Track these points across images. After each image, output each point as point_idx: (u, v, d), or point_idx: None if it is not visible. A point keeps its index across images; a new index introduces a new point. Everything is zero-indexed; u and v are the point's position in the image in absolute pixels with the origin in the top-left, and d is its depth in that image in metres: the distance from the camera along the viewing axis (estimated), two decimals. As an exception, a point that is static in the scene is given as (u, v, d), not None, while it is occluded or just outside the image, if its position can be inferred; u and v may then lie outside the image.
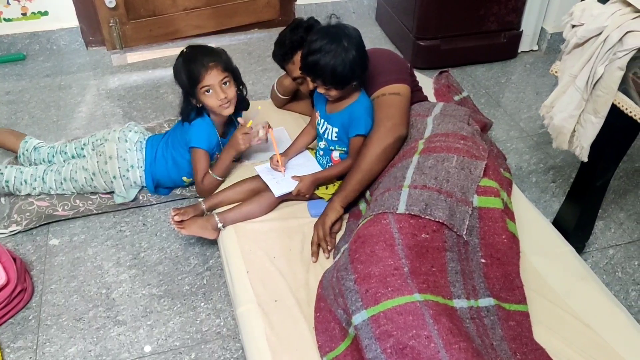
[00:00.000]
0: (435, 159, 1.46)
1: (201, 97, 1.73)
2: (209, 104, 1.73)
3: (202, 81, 1.69)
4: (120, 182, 1.89)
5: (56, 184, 1.92)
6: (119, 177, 1.87)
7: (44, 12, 2.90)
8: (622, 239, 1.95)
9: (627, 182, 2.20)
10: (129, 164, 1.88)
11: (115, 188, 1.90)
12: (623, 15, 1.30)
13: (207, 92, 1.71)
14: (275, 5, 3.26)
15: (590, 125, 1.46)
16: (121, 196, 1.92)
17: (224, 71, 1.73)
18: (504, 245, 1.40)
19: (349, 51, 1.53)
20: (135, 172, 1.90)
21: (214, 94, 1.71)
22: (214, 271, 1.79)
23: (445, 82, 2.21)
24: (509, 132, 2.48)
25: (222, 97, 1.71)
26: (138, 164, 1.90)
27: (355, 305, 1.21)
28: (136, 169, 1.90)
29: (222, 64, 1.73)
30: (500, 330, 1.29)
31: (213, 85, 1.71)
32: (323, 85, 1.58)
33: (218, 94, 1.71)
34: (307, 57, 1.55)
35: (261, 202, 1.70)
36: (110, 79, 2.81)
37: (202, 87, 1.70)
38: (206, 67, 1.69)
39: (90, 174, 1.89)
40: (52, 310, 1.67)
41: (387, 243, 1.29)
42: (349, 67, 1.54)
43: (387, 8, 3.20)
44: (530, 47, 3.09)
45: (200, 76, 1.69)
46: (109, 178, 1.87)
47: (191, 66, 1.70)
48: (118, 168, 1.87)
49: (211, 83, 1.70)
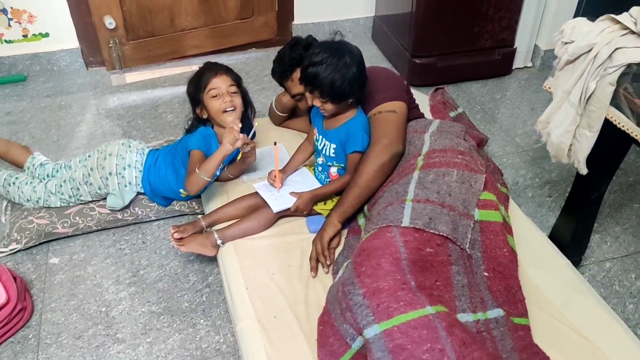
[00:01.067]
0: (436, 174, 1.48)
1: (207, 101, 1.77)
2: (213, 108, 1.76)
3: (210, 84, 1.75)
4: (115, 180, 1.91)
5: (55, 188, 1.94)
6: (114, 173, 1.90)
7: (45, 34, 2.94)
8: (618, 252, 1.97)
9: (622, 196, 2.22)
10: (127, 162, 1.92)
11: (110, 185, 1.91)
12: (612, 32, 1.34)
13: (215, 96, 1.76)
14: (273, 25, 3.31)
15: (585, 140, 1.48)
16: (114, 195, 1.91)
17: (233, 81, 1.79)
18: (506, 258, 1.41)
19: (350, 67, 1.56)
20: (132, 171, 1.92)
21: (220, 98, 1.75)
22: (213, 288, 1.79)
23: (441, 98, 2.24)
24: (505, 148, 2.51)
25: (227, 100, 1.75)
26: (135, 165, 1.93)
27: (366, 319, 1.21)
28: (133, 168, 1.92)
29: (232, 76, 1.81)
30: (510, 341, 1.30)
31: (220, 89, 1.76)
32: (320, 98, 1.61)
33: (224, 97, 1.75)
34: (308, 67, 1.58)
35: (260, 218, 1.71)
36: (110, 99, 2.84)
37: (209, 89, 1.76)
38: (216, 72, 1.77)
39: (88, 169, 1.92)
40: (51, 328, 1.67)
41: (393, 257, 1.29)
42: (348, 83, 1.57)
43: (383, 27, 3.25)
44: (524, 64, 3.14)
45: (209, 79, 1.76)
46: (105, 174, 1.90)
47: (203, 73, 1.79)
48: (115, 165, 1.90)
49: (219, 86, 1.76)
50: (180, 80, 1.80)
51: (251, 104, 1.92)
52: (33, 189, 1.96)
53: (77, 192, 1.94)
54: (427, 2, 2.72)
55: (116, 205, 1.93)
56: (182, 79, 1.80)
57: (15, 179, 1.99)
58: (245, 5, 3.17)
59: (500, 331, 1.31)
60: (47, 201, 1.95)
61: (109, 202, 1.92)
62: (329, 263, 1.58)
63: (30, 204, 1.97)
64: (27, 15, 2.85)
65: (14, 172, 2.03)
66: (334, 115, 1.69)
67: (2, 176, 2.00)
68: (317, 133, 1.77)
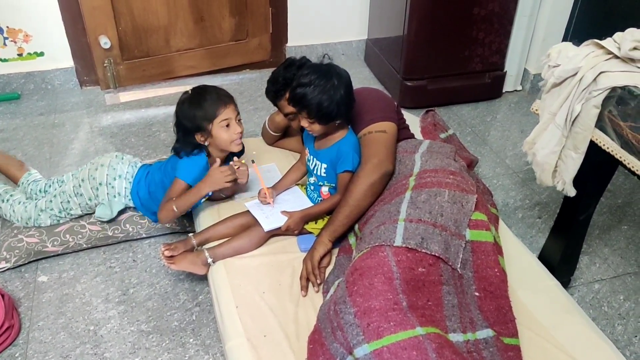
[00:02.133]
0: (428, 194, 1.49)
1: (217, 131, 1.74)
2: (223, 138, 1.75)
3: (222, 115, 1.73)
4: (105, 190, 1.92)
5: (46, 204, 1.94)
6: (104, 184, 1.91)
7: (40, 53, 2.97)
8: (607, 273, 1.98)
9: (610, 218, 2.25)
10: (117, 173, 1.93)
11: (100, 196, 1.92)
12: (596, 57, 1.37)
13: (226, 126, 1.75)
14: (267, 47, 3.36)
15: (571, 161, 1.51)
16: (103, 205, 1.92)
17: (237, 109, 1.80)
18: (497, 278, 1.42)
19: (337, 89, 1.59)
20: (122, 182, 1.93)
21: (231, 128, 1.75)
22: (203, 307, 1.79)
23: (432, 120, 2.28)
24: (495, 169, 2.54)
25: (238, 130, 1.76)
26: (126, 176, 1.94)
27: (356, 339, 1.21)
28: (123, 179, 1.93)
29: (235, 104, 1.80)
30: None
31: (231, 119, 1.75)
32: (307, 119, 1.63)
33: (235, 127, 1.76)
34: (296, 88, 1.61)
35: (251, 237, 1.71)
36: (104, 117, 2.86)
37: (221, 120, 1.73)
38: (225, 102, 1.75)
39: (79, 180, 1.93)
40: (39, 347, 1.65)
41: (385, 276, 1.30)
42: (335, 104, 1.59)
43: (375, 50, 3.30)
44: (514, 87, 3.19)
45: (219, 110, 1.73)
46: (95, 184, 1.91)
47: (208, 100, 1.74)
48: (106, 175, 1.91)
49: (230, 116, 1.75)
50: (175, 100, 1.80)
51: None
52: (25, 209, 1.95)
53: (68, 206, 1.93)
54: (419, 25, 2.77)
55: (104, 216, 1.92)
56: (176, 99, 1.80)
57: (10, 196, 1.99)
58: (240, 27, 3.21)
59: (489, 352, 1.31)
60: (37, 220, 1.94)
61: (98, 212, 1.92)
62: (319, 282, 1.58)
63: (21, 224, 1.96)
64: (22, 34, 2.88)
65: (10, 189, 2.03)
66: (324, 136, 1.71)
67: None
68: (309, 153, 1.79)
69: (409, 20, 2.77)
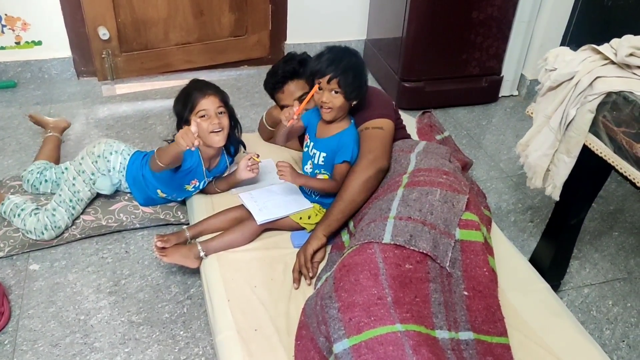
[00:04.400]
0: (420, 192, 1.50)
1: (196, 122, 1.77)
2: (201, 128, 1.76)
3: (199, 105, 1.76)
4: (103, 162, 1.95)
5: (56, 199, 1.92)
6: (102, 157, 1.94)
7: (38, 42, 2.95)
8: (596, 278, 2.00)
9: (601, 224, 2.27)
10: (114, 149, 1.96)
11: (100, 168, 1.94)
12: (593, 62, 1.39)
13: (203, 117, 1.77)
14: (265, 44, 3.36)
15: (563, 165, 1.52)
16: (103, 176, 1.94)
17: (221, 101, 1.80)
18: (485, 278, 1.43)
19: (364, 67, 1.66)
20: (117, 157, 1.96)
21: (208, 119, 1.76)
22: (194, 300, 1.79)
23: (428, 121, 2.28)
24: (489, 172, 2.55)
25: (215, 122, 1.76)
26: (122, 153, 1.97)
27: (337, 333, 1.22)
28: (119, 155, 1.96)
29: (219, 96, 1.82)
30: None
31: (208, 111, 1.77)
32: (336, 88, 1.61)
33: (212, 119, 1.77)
34: (332, 52, 1.63)
35: (244, 231, 1.71)
36: (100, 109, 2.85)
37: (198, 111, 1.76)
38: (204, 94, 1.78)
39: (80, 158, 1.96)
40: (28, 335, 1.65)
41: (371, 272, 1.31)
42: (365, 78, 1.66)
43: (373, 50, 3.31)
44: (510, 92, 3.21)
45: (197, 101, 1.76)
46: (94, 158, 1.94)
47: (191, 93, 1.79)
48: (103, 150, 1.95)
49: (207, 108, 1.77)
50: (172, 94, 1.82)
51: (237, 121, 1.94)
52: (37, 220, 1.89)
53: (74, 189, 1.92)
54: (418, 28, 2.79)
55: (104, 188, 1.95)
56: (173, 92, 1.82)
57: (21, 210, 1.92)
58: (239, 23, 3.21)
59: (469, 353, 1.32)
60: (55, 222, 1.89)
61: (97, 184, 1.94)
62: (311, 275, 1.59)
63: (35, 236, 1.90)
64: (21, 22, 2.86)
65: (21, 202, 1.95)
66: (330, 122, 1.71)
67: (9, 205, 1.95)
68: (309, 139, 1.79)
69: (408, 21, 2.78)
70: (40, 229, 1.88)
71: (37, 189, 2.05)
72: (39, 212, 1.91)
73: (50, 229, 1.88)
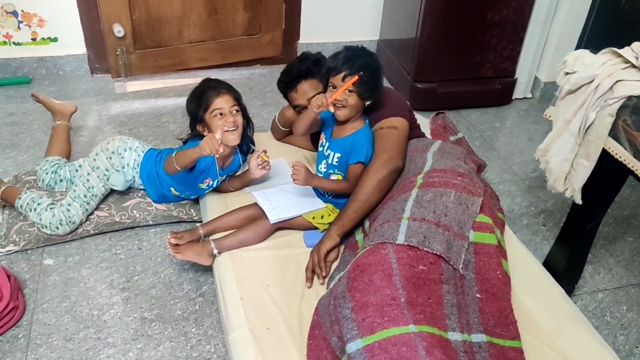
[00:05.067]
0: (434, 194, 1.50)
1: (210, 120, 1.79)
2: (217, 127, 1.77)
3: (214, 104, 1.78)
4: (117, 158, 1.96)
5: (71, 194, 1.93)
6: (116, 153, 1.95)
7: (54, 39, 2.97)
8: (611, 283, 1.98)
9: (616, 228, 2.25)
10: (128, 145, 1.98)
11: (115, 164, 1.95)
12: (613, 65, 1.37)
13: (217, 115, 1.78)
14: (278, 43, 3.36)
15: (582, 169, 1.51)
16: (117, 172, 1.95)
17: (235, 100, 1.82)
18: (499, 280, 1.42)
19: (380, 68, 1.67)
20: (132, 154, 1.97)
21: (223, 118, 1.78)
22: (206, 297, 1.79)
23: (442, 122, 2.28)
24: (502, 175, 2.54)
25: (230, 120, 1.77)
26: (136, 150, 1.98)
27: (350, 333, 1.22)
28: (133, 152, 1.98)
29: (233, 94, 1.83)
30: None
31: (223, 109, 1.78)
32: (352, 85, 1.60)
33: (227, 117, 1.78)
34: (348, 50, 1.65)
35: (257, 229, 1.72)
36: (113, 106, 2.86)
37: (213, 109, 1.78)
38: (219, 92, 1.79)
39: (94, 154, 1.98)
40: (42, 329, 1.66)
41: (385, 273, 1.31)
42: (380, 79, 1.67)
43: (386, 51, 3.30)
44: (524, 95, 3.19)
45: (212, 99, 1.78)
46: (108, 154, 1.95)
47: (205, 91, 1.80)
48: (117, 146, 1.96)
49: (222, 106, 1.78)
50: (185, 92, 1.82)
51: (250, 120, 1.95)
52: (52, 214, 1.89)
53: (89, 185, 1.93)
54: (431, 29, 2.78)
55: (117, 183, 1.95)
56: (186, 90, 1.83)
57: (37, 204, 1.92)
58: (253, 21, 3.22)
59: (482, 356, 1.31)
60: (70, 217, 1.89)
61: (111, 180, 1.95)
62: (324, 275, 1.59)
63: (50, 231, 1.90)
64: (37, 19, 2.88)
65: (37, 197, 1.96)
66: (344, 122, 1.70)
67: (26, 200, 1.95)
68: (324, 139, 1.79)
69: (422, 22, 2.77)
70: (56, 223, 1.89)
71: (52, 188, 2.06)
72: (55, 207, 1.92)
73: (65, 224, 1.89)
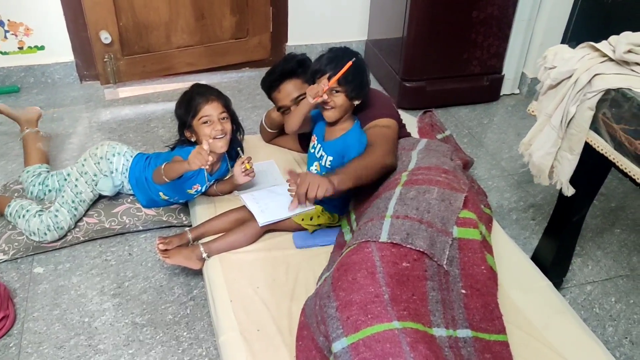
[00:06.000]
0: (417, 191, 1.50)
1: (198, 127, 1.80)
2: (204, 133, 1.78)
3: (202, 111, 1.78)
4: (106, 164, 1.96)
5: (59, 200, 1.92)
6: (105, 158, 1.96)
7: (41, 47, 2.97)
8: (599, 275, 2.00)
9: (603, 221, 2.26)
10: (117, 150, 1.98)
11: (103, 169, 1.95)
12: (591, 59, 1.39)
13: (205, 122, 1.79)
14: (267, 46, 3.37)
15: (567, 162, 1.52)
16: (105, 177, 1.95)
17: (223, 107, 1.82)
18: (483, 275, 1.43)
19: (365, 66, 1.66)
20: (120, 159, 1.97)
21: (211, 125, 1.78)
22: (197, 301, 1.79)
23: (429, 121, 2.29)
24: (491, 171, 2.55)
25: (218, 127, 1.78)
26: (124, 155, 1.99)
27: (336, 332, 1.23)
28: (121, 157, 1.98)
29: (222, 101, 1.84)
30: None
31: (212, 116, 1.79)
32: (338, 85, 1.61)
33: (215, 124, 1.78)
34: (331, 51, 1.65)
35: (246, 232, 1.72)
36: (102, 112, 2.86)
37: (201, 117, 1.79)
38: (207, 99, 1.80)
39: (82, 160, 1.98)
40: (33, 338, 1.66)
41: (368, 271, 1.32)
42: (366, 77, 1.66)
43: (374, 50, 3.32)
44: (511, 91, 3.20)
45: (200, 106, 1.78)
46: (97, 159, 1.95)
47: (194, 98, 1.81)
48: (106, 152, 1.97)
49: (210, 114, 1.79)
50: (174, 97, 1.83)
51: (240, 125, 1.96)
52: (40, 220, 1.89)
53: (77, 190, 1.93)
54: (418, 27, 2.79)
55: (106, 189, 1.95)
56: (175, 95, 1.84)
57: (26, 211, 1.92)
58: (240, 25, 3.23)
59: (467, 351, 1.32)
60: (57, 223, 1.89)
61: (99, 185, 1.95)
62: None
63: (38, 238, 1.89)
64: (23, 27, 2.88)
65: (26, 203, 1.96)
66: (334, 123, 1.71)
67: (15, 207, 1.95)
68: (316, 141, 1.79)
69: (409, 22, 2.78)
70: (44, 229, 1.89)
71: (41, 199, 2.04)
72: (43, 213, 1.92)
73: (53, 230, 1.89)
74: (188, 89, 1.89)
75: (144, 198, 2.01)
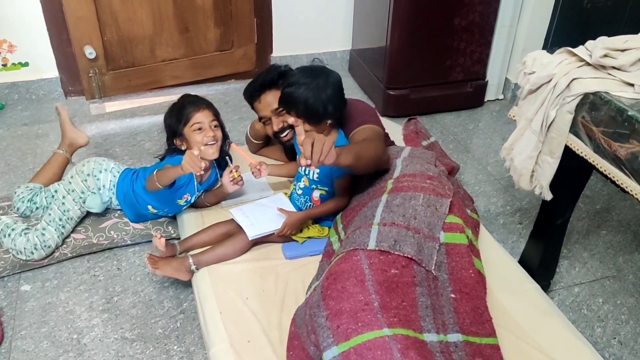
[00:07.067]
0: (403, 198, 1.52)
1: (190, 134, 1.82)
2: (196, 141, 1.81)
3: (194, 118, 1.82)
4: (93, 181, 1.95)
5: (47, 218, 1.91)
6: (92, 175, 1.95)
7: (25, 63, 2.96)
8: (586, 277, 2.02)
9: (589, 223, 2.29)
10: (104, 167, 1.98)
11: (90, 186, 1.94)
12: (569, 64, 1.41)
13: (198, 129, 1.82)
14: (252, 57, 3.38)
15: (548, 166, 1.55)
16: (93, 194, 1.94)
17: (214, 115, 1.87)
18: (472, 279, 1.44)
19: (323, 89, 1.63)
20: (107, 175, 1.97)
21: (203, 132, 1.81)
22: (187, 314, 1.79)
23: (414, 128, 2.31)
24: (477, 176, 2.57)
25: (210, 134, 1.81)
26: (111, 171, 1.98)
27: (326, 341, 1.23)
28: (108, 173, 1.98)
29: (212, 110, 1.88)
30: None
31: (204, 123, 1.82)
32: (297, 117, 1.65)
33: (207, 131, 1.82)
34: (284, 89, 1.65)
35: (235, 244, 1.72)
36: (88, 127, 2.85)
37: (193, 124, 1.82)
38: (199, 107, 1.84)
39: (69, 177, 1.96)
40: (21, 356, 1.64)
41: (357, 279, 1.32)
42: (321, 103, 1.62)
43: (359, 60, 3.34)
44: (495, 96, 3.24)
45: (192, 114, 1.82)
46: (84, 176, 1.94)
47: (185, 106, 1.85)
48: (92, 168, 1.96)
49: (202, 120, 1.83)
50: (160, 110, 1.84)
51: (227, 136, 1.98)
52: (27, 239, 1.87)
53: (64, 208, 1.92)
54: (401, 36, 2.82)
55: (94, 206, 1.95)
56: (161, 109, 1.85)
57: (11, 230, 1.90)
58: (225, 37, 3.24)
59: (458, 355, 1.33)
60: (45, 241, 1.87)
61: (87, 203, 1.94)
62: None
63: (25, 256, 1.87)
64: (7, 44, 2.87)
65: (11, 222, 1.94)
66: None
67: (0, 225, 1.93)
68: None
69: (392, 31, 2.81)
70: (30, 248, 1.87)
71: (27, 217, 2.03)
72: (29, 231, 1.91)
73: (40, 249, 1.88)
74: (177, 100, 1.92)
75: (132, 213, 2.01)
